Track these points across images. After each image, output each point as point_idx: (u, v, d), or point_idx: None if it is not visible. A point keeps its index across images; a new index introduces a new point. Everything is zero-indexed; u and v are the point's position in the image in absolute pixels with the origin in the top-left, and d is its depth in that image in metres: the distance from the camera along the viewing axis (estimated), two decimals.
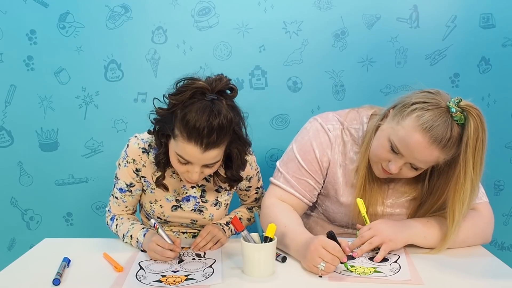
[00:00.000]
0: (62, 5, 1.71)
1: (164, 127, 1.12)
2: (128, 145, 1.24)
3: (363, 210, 1.16)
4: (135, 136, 1.25)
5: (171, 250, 1.11)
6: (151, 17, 1.73)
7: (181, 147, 1.07)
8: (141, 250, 1.20)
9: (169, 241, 1.12)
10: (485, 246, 1.21)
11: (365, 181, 1.22)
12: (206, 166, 1.12)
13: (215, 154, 1.09)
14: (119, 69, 1.76)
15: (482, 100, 1.78)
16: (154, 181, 1.22)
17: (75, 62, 1.75)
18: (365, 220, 1.17)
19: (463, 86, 1.76)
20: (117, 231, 1.28)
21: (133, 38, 1.74)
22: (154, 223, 1.14)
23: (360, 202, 1.17)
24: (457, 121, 1.06)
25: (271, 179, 1.32)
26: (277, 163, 1.33)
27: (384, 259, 1.11)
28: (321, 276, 1.01)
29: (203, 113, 1.03)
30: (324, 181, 1.29)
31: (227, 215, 1.39)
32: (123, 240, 1.25)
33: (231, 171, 1.21)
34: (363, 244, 1.11)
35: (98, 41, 1.73)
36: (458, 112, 1.06)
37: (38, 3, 1.71)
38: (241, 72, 1.77)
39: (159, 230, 1.13)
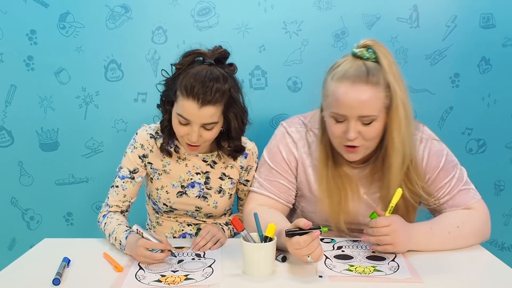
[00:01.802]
0: (62, 5, 1.71)
1: (168, 94, 1.25)
2: (137, 133, 1.34)
3: (394, 200, 1.12)
4: (144, 125, 1.35)
5: (162, 251, 1.10)
6: (151, 17, 1.73)
7: (180, 106, 1.19)
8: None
9: (156, 242, 1.11)
10: (485, 246, 1.21)
11: (329, 178, 1.24)
12: (205, 128, 1.19)
13: (212, 112, 1.18)
14: (119, 69, 1.76)
15: (482, 100, 1.78)
16: (159, 147, 1.30)
17: (75, 62, 1.75)
18: (389, 210, 1.12)
19: (463, 86, 1.76)
20: (104, 230, 1.27)
21: (133, 38, 1.74)
22: (137, 230, 1.13)
23: (399, 192, 1.12)
24: (367, 58, 1.12)
25: (250, 187, 1.36)
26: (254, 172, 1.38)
27: (381, 258, 1.11)
28: (321, 276, 1.01)
29: (201, 72, 1.18)
30: (296, 180, 1.32)
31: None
32: (109, 240, 1.24)
33: (232, 141, 1.29)
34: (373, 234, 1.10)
35: (98, 41, 1.73)
36: (362, 51, 1.12)
37: (38, 3, 1.71)
38: (241, 72, 1.73)
39: (144, 234, 1.11)
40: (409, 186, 1.20)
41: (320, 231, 1.02)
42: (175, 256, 1.13)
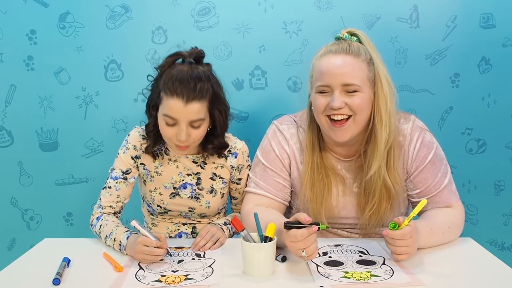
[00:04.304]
0: (62, 5, 1.71)
1: (153, 98, 1.26)
2: (129, 134, 1.35)
3: (417, 209, 1.06)
4: (136, 127, 1.37)
5: (158, 248, 1.09)
6: (151, 17, 1.73)
7: (166, 106, 1.19)
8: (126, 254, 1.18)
9: (153, 239, 1.11)
10: (485, 246, 1.21)
11: (314, 164, 1.26)
12: (192, 126, 1.20)
13: (198, 108, 1.19)
14: (119, 69, 1.76)
15: (482, 100, 1.78)
16: (144, 149, 1.32)
17: (75, 62, 1.75)
18: (409, 219, 1.06)
19: (463, 86, 1.76)
20: (100, 232, 1.26)
21: (133, 38, 1.74)
22: (134, 226, 1.12)
23: (423, 202, 1.06)
24: (350, 40, 1.21)
25: (245, 188, 1.36)
26: (248, 172, 1.38)
27: (371, 262, 1.10)
28: (322, 287, 0.98)
29: (183, 70, 1.20)
30: (290, 177, 1.33)
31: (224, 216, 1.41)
32: (105, 242, 1.23)
33: (218, 139, 1.30)
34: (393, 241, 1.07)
35: (98, 41, 1.74)
36: (344, 33, 1.21)
37: (38, 3, 1.71)
38: (241, 72, 1.77)
39: (142, 229, 1.12)
40: (389, 171, 1.21)
41: (319, 227, 1.02)
42: (171, 255, 1.13)
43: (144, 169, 1.34)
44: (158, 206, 1.36)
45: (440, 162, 1.26)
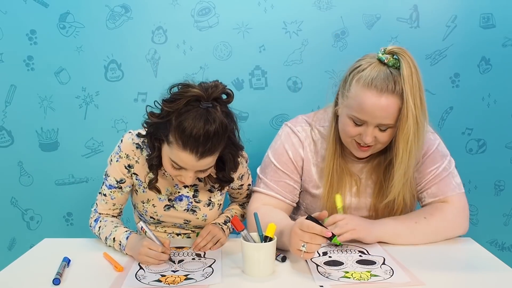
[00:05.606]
0: (62, 5, 1.71)
1: (157, 132, 1.13)
2: (122, 140, 1.24)
3: (339, 204, 1.20)
4: (129, 132, 1.25)
5: (163, 253, 1.10)
6: (151, 17, 1.73)
7: (175, 154, 1.09)
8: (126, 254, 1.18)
9: (158, 243, 1.11)
10: (485, 246, 1.21)
11: (333, 171, 1.26)
12: (200, 170, 1.14)
13: (210, 161, 1.11)
14: (119, 69, 1.76)
15: (482, 100, 1.78)
16: (147, 183, 1.24)
17: (75, 62, 1.75)
18: (339, 213, 1.20)
19: (463, 86, 1.77)
20: (99, 234, 1.25)
21: (133, 38, 1.74)
22: (142, 227, 1.13)
23: (338, 197, 1.21)
24: (392, 66, 1.11)
25: (253, 187, 1.36)
26: (257, 171, 1.37)
27: (372, 262, 1.10)
28: (322, 286, 0.98)
29: (199, 122, 1.04)
30: (301, 179, 1.33)
31: (222, 213, 1.40)
32: (106, 243, 1.23)
33: (223, 172, 1.23)
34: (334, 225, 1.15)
35: (98, 41, 1.73)
36: (389, 58, 1.11)
37: (38, 3, 1.71)
38: (241, 72, 1.77)
39: (149, 233, 1.12)
40: (408, 191, 1.23)
41: (332, 236, 1.00)
42: (174, 263, 1.13)
43: (136, 179, 1.27)
44: (151, 217, 1.32)
45: (441, 158, 1.27)
